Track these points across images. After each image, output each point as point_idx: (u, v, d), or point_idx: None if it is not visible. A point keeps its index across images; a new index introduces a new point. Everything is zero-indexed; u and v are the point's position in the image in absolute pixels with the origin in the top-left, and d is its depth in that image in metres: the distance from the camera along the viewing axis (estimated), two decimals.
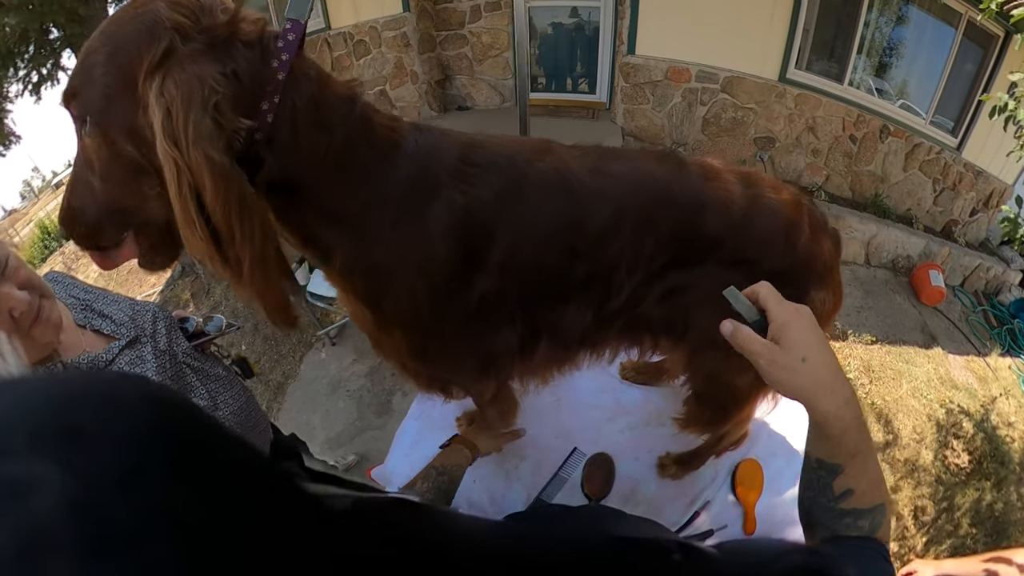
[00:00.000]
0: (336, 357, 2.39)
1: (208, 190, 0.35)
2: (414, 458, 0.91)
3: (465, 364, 0.57)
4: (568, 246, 0.51)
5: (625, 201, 0.51)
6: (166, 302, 3.21)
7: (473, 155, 0.48)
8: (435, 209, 0.46)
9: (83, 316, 0.70)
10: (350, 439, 1.96)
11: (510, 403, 0.78)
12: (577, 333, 0.57)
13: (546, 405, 0.97)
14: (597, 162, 0.53)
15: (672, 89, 2.95)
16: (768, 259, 0.55)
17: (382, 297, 0.49)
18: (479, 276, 0.49)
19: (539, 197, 0.49)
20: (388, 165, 0.45)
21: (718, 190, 0.53)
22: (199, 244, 0.38)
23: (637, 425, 0.96)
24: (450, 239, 0.46)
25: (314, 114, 0.41)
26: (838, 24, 2.89)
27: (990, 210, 3.54)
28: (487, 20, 3.22)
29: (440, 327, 0.51)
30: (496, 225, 0.48)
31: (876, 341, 2.69)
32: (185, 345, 0.81)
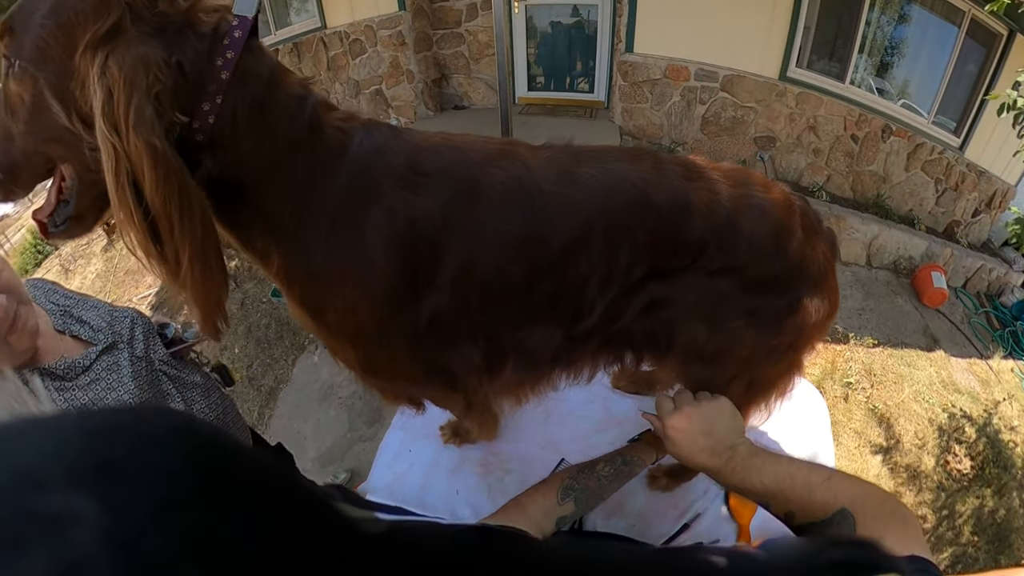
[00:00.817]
0: (328, 360, 2.36)
1: (147, 178, 0.33)
2: (397, 468, 0.89)
3: (423, 380, 0.53)
4: (530, 262, 0.47)
5: (595, 209, 0.47)
6: (161, 304, 3.19)
7: (422, 161, 0.44)
8: (373, 218, 0.42)
9: (62, 322, 0.69)
10: (342, 454, 1.94)
11: (489, 416, 0.75)
12: (547, 354, 0.54)
13: (532, 416, 0.94)
14: (565, 165, 0.48)
15: (671, 88, 2.91)
16: (756, 265, 0.51)
17: (323, 307, 0.46)
18: (429, 293, 0.46)
19: (495, 208, 0.45)
20: (330, 169, 0.42)
21: (700, 191, 0.49)
22: (135, 235, 0.36)
23: (627, 436, 0.92)
24: (390, 252, 0.43)
25: (258, 118, 0.39)
26: (839, 22, 2.85)
27: (992, 211, 3.50)
28: (484, 19, 3.18)
29: (387, 342, 0.48)
30: (444, 239, 0.44)
31: (878, 344, 2.65)
32: (162, 352, 0.79)
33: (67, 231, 0.40)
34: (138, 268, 3.97)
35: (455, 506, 0.82)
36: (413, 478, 0.87)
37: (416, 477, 0.87)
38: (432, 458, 0.89)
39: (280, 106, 0.40)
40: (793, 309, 0.53)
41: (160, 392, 0.73)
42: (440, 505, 0.83)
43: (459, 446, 0.89)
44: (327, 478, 1.76)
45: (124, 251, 4.81)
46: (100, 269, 4.36)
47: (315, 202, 0.42)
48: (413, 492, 0.85)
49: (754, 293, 0.52)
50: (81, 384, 0.65)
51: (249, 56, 0.38)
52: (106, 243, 4.61)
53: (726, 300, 0.52)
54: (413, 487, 0.86)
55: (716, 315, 0.53)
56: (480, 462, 0.88)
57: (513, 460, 0.87)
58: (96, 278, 4.19)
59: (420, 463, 0.89)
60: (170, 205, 0.34)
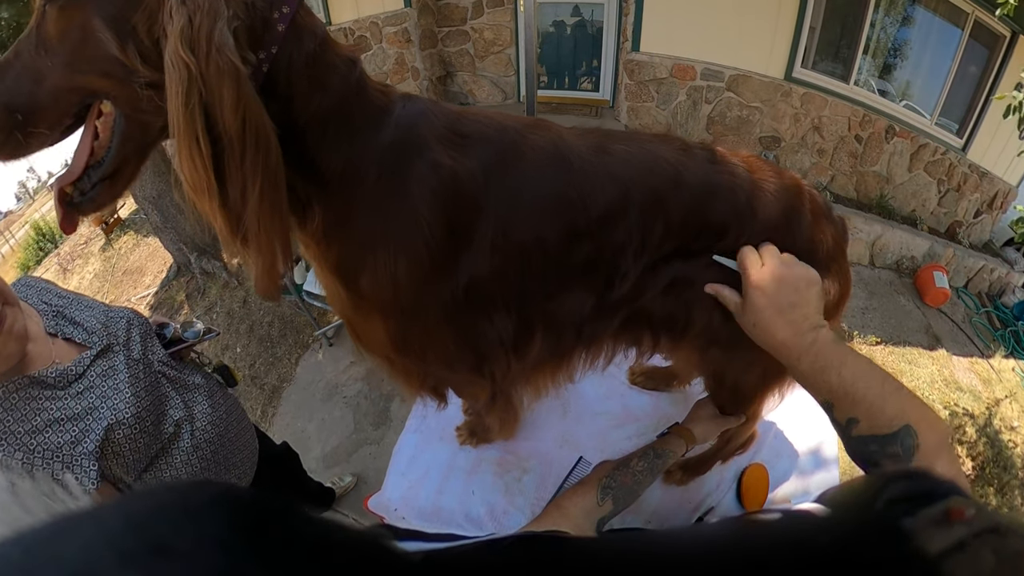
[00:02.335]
0: (333, 359, 2.34)
1: (227, 99, 0.32)
2: (411, 476, 0.87)
3: (454, 358, 0.51)
4: (569, 224, 0.47)
5: (632, 181, 0.48)
6: (160, 303, 3.17)
7: (462, 125, 0.45)
8: (418, 170, 0.42)
9: (54, 323, 0.67)
10: (347, 456, 1.90)
11: (510, 411, 0.74)
12: (575, 325, 0.53)
13: (550, 413, 0.93)
14: (598, 141, 0.49)
15: (677, 87, 2.91)
16: None
17: (359, 272, 0.44)
18: (468, 254, 0.45)
19: (535, 170, 0.45)
20: (377, 125, 0.42)
21: (724, 174, 0.51)
22: (198, 166, 0.33)
23: (645, 431, 0.93)
24: (434, 205, 0.42)
25: (311, 71, 0.39)
26: (844, 23, 2.86)
27: (994, 211, 3.52)
28: (489, 16, 3.18)
29: (423, 312, 0.46)
30: (485, 198, 0.44)
31: (880, 342, 2.66)
32: (161, 353, 0.77)
33: (95, 199, 0.37)
34: (137, 268, 3.93)
35: (470, 506, 0.81)
36: (429, 483, 0.85)
37: (432, 482, 0.85)
38: (448, 461, 0.87)
39: (331, 64, 0.40)
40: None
41: (159, 396, 0.71)
42: (455, 507, 0.81)
43: (476, 447, 0.88)
44: (332, 479, 1.73)
45: (123, 250, 4.79)
46: (98, 269, 4.33)
47: (361, 154, 0.42)
48: (429, 499, 0.83)
49: None
50: (74, 392, 0.62)
51: (303, 15, 0.38)
52: (104, 243, 4.57)
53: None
54: (429, 493, 0.83)
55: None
56: (497, 462, 0.86)
57: (532, 459, 0.86)
58: (94, 278, 4.16)
59: (436, 467, 0.87)
60: (247, 130, 0.33)
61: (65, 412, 0.60)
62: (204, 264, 3.06)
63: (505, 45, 3.28)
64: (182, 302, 3.06)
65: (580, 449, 0.88)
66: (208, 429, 0.77)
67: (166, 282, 3.31)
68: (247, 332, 2.67)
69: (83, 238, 5.04)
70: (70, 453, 0.59)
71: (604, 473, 0.63)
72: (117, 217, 4.69)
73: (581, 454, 0.87)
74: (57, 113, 0.35)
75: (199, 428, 0.76)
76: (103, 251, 4.46)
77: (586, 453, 0.87)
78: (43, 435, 0.58)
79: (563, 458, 0.86)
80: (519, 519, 0.79)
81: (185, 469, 0.73)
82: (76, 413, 0.61)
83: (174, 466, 0.72)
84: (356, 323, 0.51)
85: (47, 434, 0.59)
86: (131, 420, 0.64)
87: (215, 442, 0.78)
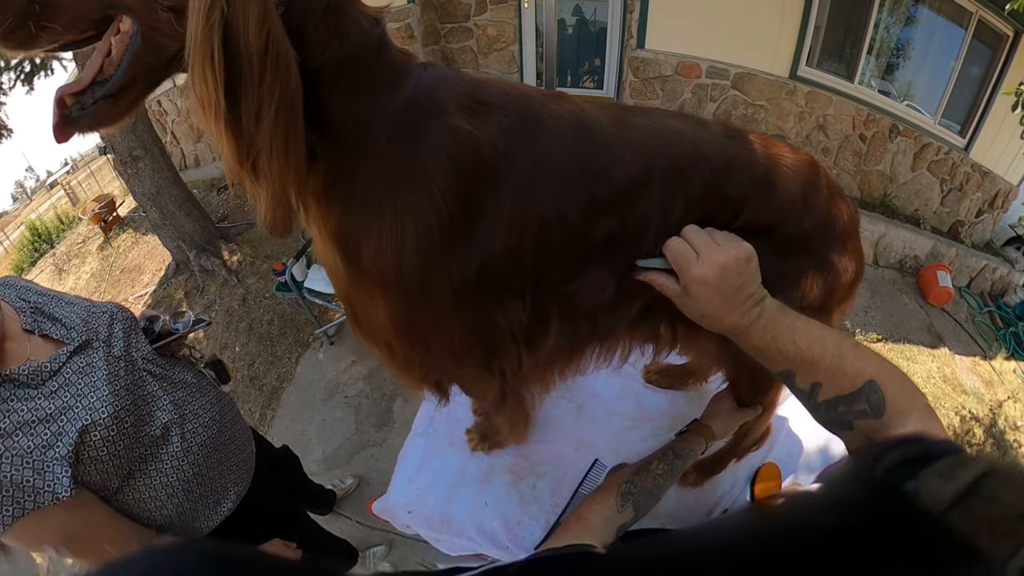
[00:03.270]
0: (334, 358, 2.31)
1: (253, 20, 0.31)
2: (419, 483, 0.83)
3: (461, 350, 0.49)
4: (590, 196, 0.45)
5: (653, 152, 0.46)
6: (158, 302, 3.12)
7: (482, 92, 0.43)
8: (436, 133, 0.40)
9: (32, 320, 0.64)
10: (348, 458, 1.86)
11: (520, 412, 0.71)
12: (592, 313, 0.51)
13: (563, 414, 0.91)
14: (617, 113, 0.48)
15: (682, 85, 2.90)
16: (788, 223, 0.52)
17: (360, 238, 0.41)
18: (482, 229, 0.42)
19: (556, 139, 0.44)
20: (395, 83, 0.41)
21: (740, 149, 0.50)
22: (210, 83, 0.32)
23: (661, 431, 0.90)
24: (449, 172, 0.40)
25: (331, 19, 0.37)
26: (849, 22, 2.85)
27: (995, 211, 3.53)
28: (493, 13, 3.15)
29: (430, 293, 0.43)
30: (505, 167, 0.42)
31: (881, 339, 2.66)
32: (146, 350, 0.73)
33: (93, 115, 0.35)
34: (135, 266, 3.89)
35: (483, 519, 0.77)
36: (437, 492, 0.81)
37: (440, 490, 0.82)
38: (458, 468, 0.84)
39: (353, 17, 0.39)
40: (823, 268, 0.54)
41: (143, 395, 0.67)
42: (467, 518, 0.78)
43: (487, 453, 0.84)
44: (333, 482, 1.69)
45: (121, 249, 4.74)
46: (96, 268, 4.28)
47: (376, 109, 0.40)
48: (438, 508, 0.79)
49: (786, 254, 0.53)
50: (48, 391, 0.58)
51: None
52: (102, 241, 4.52)
53: (761, 262, 0.52)
54: (438, 501, 0.80)
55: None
56: (510, 468, 0.83)
57: (546, 463, 0.83)
58: (91, 277, 4.11)
59: (444, 474, 0.83)
60: (268, 50, 0.32)
61: (37, 413, 0.57)
62: (203, 262, 3.03)
63: (508, 42, 3.25)
64: (181, 300, 3.02)
65: (595, 451, 0.85)
66: (200, 431, 0.73)
67: (164, 280, 3.26)
68: (246, 330, 2.63)
69: (81, 237, 4.99)
70: (41, 458, 0.55)
71: (623, 478, 0.61)
72: (116, 215, 4.65)
73: (596, 456, 0.84)
74: (76, 13, 0.34)
75: (190, 431, 0.71)
76: (101, 250, 4.41)
77: (601, 455, 0.85)
78: (12, 439, 0.54)
79: (578, 461, 0.84)
80: (534, 529, 0.76)
81: (176, 475, 0.68)
82: (49, 414, 0.57)
83: (164, 472, 0.67)
84: (355, 301, 0.47)
85: (17, 437, 0.55)
86: (108, 421, 0.60)
87: (208, 445, 0.73)
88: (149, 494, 0.66)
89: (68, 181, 9.51)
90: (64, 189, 8.43)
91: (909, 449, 0.25)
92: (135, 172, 2.81)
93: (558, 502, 0.78)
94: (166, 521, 0.68)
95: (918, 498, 0.21)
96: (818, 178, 0.54)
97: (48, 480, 0.55)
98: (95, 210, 4.58)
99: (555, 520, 0.76)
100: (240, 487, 0.79)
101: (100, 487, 0.61)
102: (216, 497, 0.75)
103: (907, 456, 0.25)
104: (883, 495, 0.23)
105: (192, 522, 0.71)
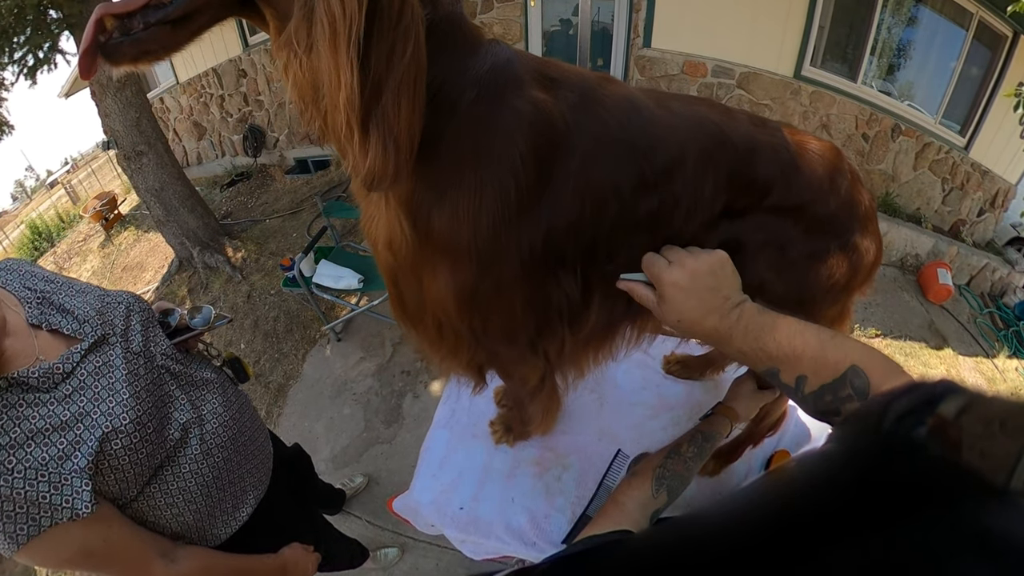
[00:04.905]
0: (341, 355, 2.30)
1: None
2: (444, 479, 0.82)
3: (518, 326, 0.49)
4: (640, 172, 0.46)
5: (687, 135, 0.49)
6: (161, 299, 3.10)
7: (548, 69, 0.45)
8: (517, 100, 0.41)
9: (39, 313, 0.56)
10: (357, 456, 1.84)
11: (554, 399, 0.71)
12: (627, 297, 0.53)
13: (587, 405, 0.91)
14: (659, 97, 0.51)
15: (688, 83, 2.91)
16: (815, 204, 0.54)
17: (433, 206, 0.41)
18: (550, 200, 0.43)
19: (612, 116, 0.45)
20: (475, 52, 0.42)
21: (766, 135, 0.53)
22: (349, 18, 0.30)
23: (680, 420, 0.91)
24: (530, 139, 0.41)
25: None
26: (852, 23, 2.88)
27: (996, 210, 3.56)
28: (499, 11, 3.16)
29: (499, 261, 0.43)
30: (571, 139, 0.43)
31: (880, 335, 2.67)
32: (165, 345, 0.67)
33: (140, 42, 0.31)
34: (137, 263, 3.86)
35: (510, 516, 0.76)
36: (464, 489, 0.80)
37: (467, 487, 0.80)
38: (483, 463, 0.83)
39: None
40: (848, 249, 0.56)
41: (162, 396, 0.62)
42: (495, 517, 0.77)
43: (512, 445, 0.84)
44: (342, 481, 1.66)
45: (123, 247, 4.70)
46: (97, 266, 4.25)
47: (460, 72, 0.40)
48: (464, 505, 0.78)
49: (814, 234, 0.55)
50: (61, 395, 0.52)
51: None
52: (103, 239, 4.50)
53: (790, 242, 0.54)
54: (464, 499, 0.79)
55: (782, 257, 0.55)
56: (536, 461, 0.83)
57: (571, 454, 0.83)
58: (92, 275, 4.08)
59: (471, 470, 0.82)
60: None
61: (51, 420, 0.50)
62: (207, 258, 3.01)
63: (514, 40, 3.26)
64: (184, 297, 3.00)
65: (618, 441, 0.85)
66: (220, 432, 0.68)
67: (167, 277, 3.25)
68: (251, 328, 2.62)
69: (81, 235, 4.96)
70: (58, 471, 0.49)
71: (657, 462, 0.61)
72: (117, 213, 4.62)
73: (619, 446, 0.85)
74: None
75: (209, 431, 0.66)
76: (102, 248, 4.38)
77: (624, 445, 0.85)
78: (24, 450, 0.48)
79: (602, 451, 0.84)
80: (560, 522, 0.75)
81: (194, 480, 0.63)
82: (64, 421, 0.51)
83: (182, 476, 0.62)
84: (414, 273, 0.46)
85: (30, 448, 0.49)
86: (130, 427, 0.55)
87: (228, 447, 0.68)
88: (166, 501, 0.61)
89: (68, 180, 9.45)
90: (64, 188, 8.38)
91: (914, 397, 0.26)
92: (139, 167, 2.80)
93: (584, 493, 0.78)
94: (183, 529, 0.64)
95: (928, 446, 0.21)
96: (842, 163, 0.56)
97: (66, 495, 0.49)
98: (96, 208, 4.56)
99: (581, 512, 0.76)
100: (259, 490, 0.75)
101: (117, 496, 0.56)
102: (235, 502, 0.70)
103: (913, 404, 0.25)
104: (894, 445, 0.23)
105: (210, 528, 0.67)
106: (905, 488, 0.19)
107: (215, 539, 0.68)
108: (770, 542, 0.20)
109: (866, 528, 0.18)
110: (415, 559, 1.48)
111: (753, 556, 0.20)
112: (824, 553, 0.18)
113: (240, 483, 0.71)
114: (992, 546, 0.16)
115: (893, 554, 0.17)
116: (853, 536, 0.18)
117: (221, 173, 4.71)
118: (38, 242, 5.53)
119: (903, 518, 0.17)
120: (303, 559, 0.78)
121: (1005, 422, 0.20)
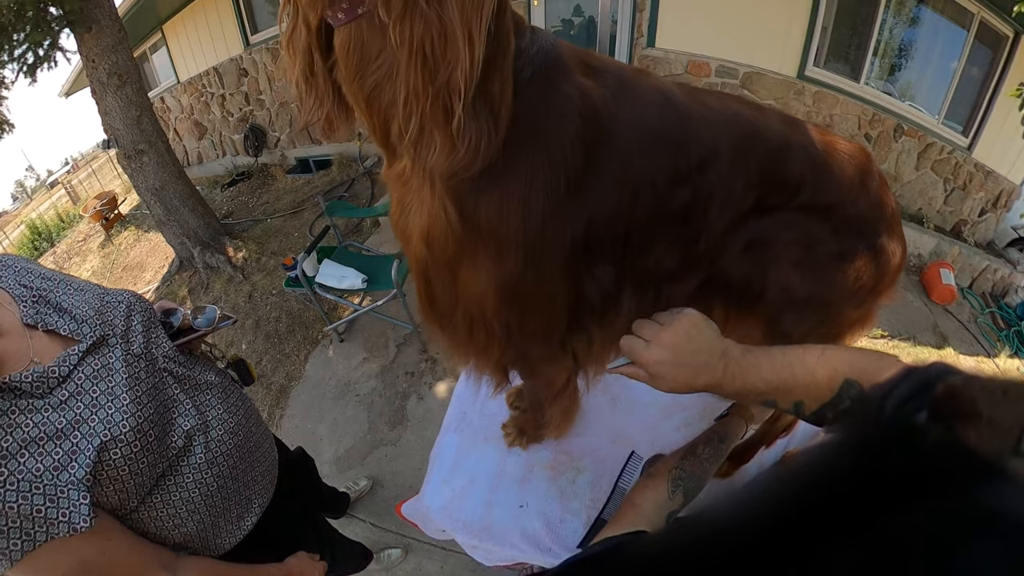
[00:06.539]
0: (344, 355, 2.29)
1: None
2: (455, 484, 0.80)
3: (555, 321, 0.48)
4: (674, 165, 0.46)
5: (721, 130, 0.49)
6: (161, 299, 3.09)
7: (589, 59, 0.45)
8: (566, 86, 0.41)
9: (34, 312, 0.53)
10: (361, 459, 1.82)
11: (574, 400, 0.71)
12: (657, 285, 0.53)
13: (599, 406, 0.90)
14: (692, 92, 0.51)
15: (692, 83, 2.91)
16: (845, 204, 0.54)
17: (482, 192, 0.40)
18: (594, 188, 0.43)
19: (649, 107, 0.46)
20: (522, 33, 0.41)
21: (797, 134, 0.53)
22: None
23: (692, 421, 0.90)
24: (579, 126, 0.40)
25: None
26: (855, 23, 2.88)
27: (998, 210, 3.56)
28: None
29: (544, 252, 0.42)
30: (614, 128, 0.43)
31: (885, 336, 2.67)
32: (167, 347, 0.63)
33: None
34: (137, 263, 3.84)
35: (525, 522, 0.75)
36: (476, 495, 0.78)
37: (480, 493, 0.78)
38: (496, 467, 0.81)
39: None
40: (876, 251, 0.56)
41: (165, 401, 0.58)
42: (509, 523, 0.75)
43: (525, 448, 0.82)
44: (346, 484, 1.64)
45: (123, 247, 4.69)
46: (96, 266, 4.23)
47: (517, 54, 0.39)
48: (477, 512, 0.76)
49: (843, 234, 0.55)
50: (56, 401, 0.49)
51: None
52: (103, 239, 4.48)
53: (818, 241, 0.54)
54: (476, 505, 0.77)
55: (808, 257, 0.54)
56: (549, 464, 0.81)
57: (585, 457, 0.82)
58: (92, 276, 4.05)
59: (483, 475, 0.80)
60: None
61: (45, 428, 0.47)
62: (208, 258, 2.99)
63: None
64: (185, 297, 2.99)
65: (631, 443, 0.84)
66: (225, 439, 0.64)
67: (167, 277, 3.23)
68: (253, 328, 2.61)
69: (81, 235, 4.93)
70: (53, 482, 0.46)
71: (673, 463, 0.61)
72: (117, 213, 4.60)
73: (633, 448, 0.84)
74: None
75: (214, 438, 0.63)
76: (102, 247, 4.36)
77: (638, 447, 0.84)
78: (17, 460, 0.45)
79: (616, 454, 0.83)
80: (575, 526, 0.74)
81: (198, 489, 0.60)
82: (60, 429, 0.48)
83: (184, 486, 0.58)
84: (449, 268, 0.45)
85: (23, 458, 0.45)
86: (130, 436, 0.51)
87: (233, 455, 0.65)
88: (167, 511, 0.57)
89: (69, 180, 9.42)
90: (65, 188, 8.35)
91: (912, 383, 0.26)
92: (139, 166, 2.78)
93: (599, 496, 0.77)
94: (186, 539, 0.60)
95: (929, 430, 0.21)
96: (872, 165, 0.57)
97: (63, 508, 0.46)
98: (96, 207, 4.53)
99: (595, 516, 0.75)
100: (264, 498, 0.72)
101: (117, 507, 0.53)
102: (239, 511, 0.67)
103: (912, 390, 0.25)
104: (896, 431, 0.23)
105: (213, 539, 0.64)
106: (910, 474, 0.19)
107: (219, 549, 0.65)
108: (778, 537, 0.20)
109: (874, 518, 0.17)
110: (419, 560, 1.47)
111: (762, 552, 0.20)
112: (833, 546, 0.18)
113: (245, 492, 0.68)
114: (999, 526, 0.16)
115: (901, 542, 0.16)
116: (862, 527, 0.17)
117: (222, 172, 4.70)
118: (38, 242, 5.50)
119: (910, 504, 0.17)
120: (309, 568, 0.75)
121: (1007, 391, 0.20)
